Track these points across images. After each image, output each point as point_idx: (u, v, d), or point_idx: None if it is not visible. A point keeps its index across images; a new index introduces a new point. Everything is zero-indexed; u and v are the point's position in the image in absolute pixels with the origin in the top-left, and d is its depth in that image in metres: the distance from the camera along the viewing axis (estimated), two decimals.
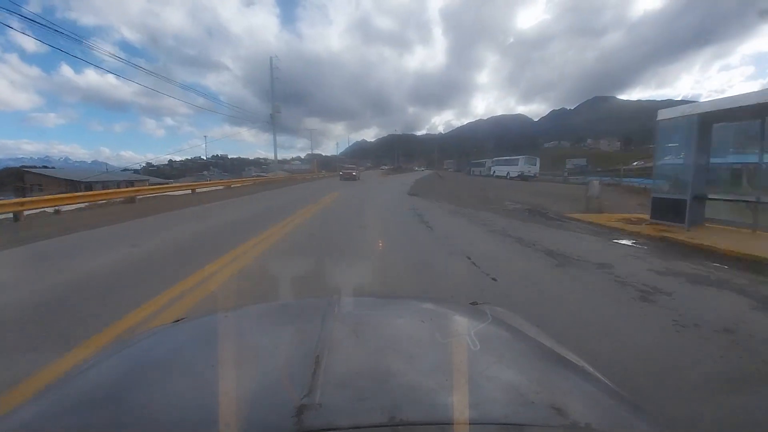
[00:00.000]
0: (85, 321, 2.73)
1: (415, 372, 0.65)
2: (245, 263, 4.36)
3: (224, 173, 75.90)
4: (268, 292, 3.29)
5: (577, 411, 0.56)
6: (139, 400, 0.60)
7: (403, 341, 0.81)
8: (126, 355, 0.83)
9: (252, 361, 0.71)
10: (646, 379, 2.02)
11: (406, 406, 0.52)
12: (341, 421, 0.49)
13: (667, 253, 5.08)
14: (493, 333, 0.87)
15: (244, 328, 0.93)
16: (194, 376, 0.67)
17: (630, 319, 2.88)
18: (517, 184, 24.75)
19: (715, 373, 2.12)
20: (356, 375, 0.63)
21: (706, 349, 2.39)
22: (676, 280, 3.86)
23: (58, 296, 3.29)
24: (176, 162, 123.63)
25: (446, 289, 3.59)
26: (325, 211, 9.71)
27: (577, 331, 2.60)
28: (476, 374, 0.62)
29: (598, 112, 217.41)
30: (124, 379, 0.70)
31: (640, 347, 2.42)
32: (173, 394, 0.62)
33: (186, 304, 3.06)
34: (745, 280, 3.89)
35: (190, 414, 0.56)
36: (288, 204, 11.50)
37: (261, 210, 10.30)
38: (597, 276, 4.00)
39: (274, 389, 0.60)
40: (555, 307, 3.09)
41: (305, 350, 0.69)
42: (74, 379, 0.72)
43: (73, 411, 0.60)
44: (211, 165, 61.34)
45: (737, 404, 1.87)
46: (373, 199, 13.49)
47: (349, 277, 3.03)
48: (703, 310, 3.03)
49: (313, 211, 9.43)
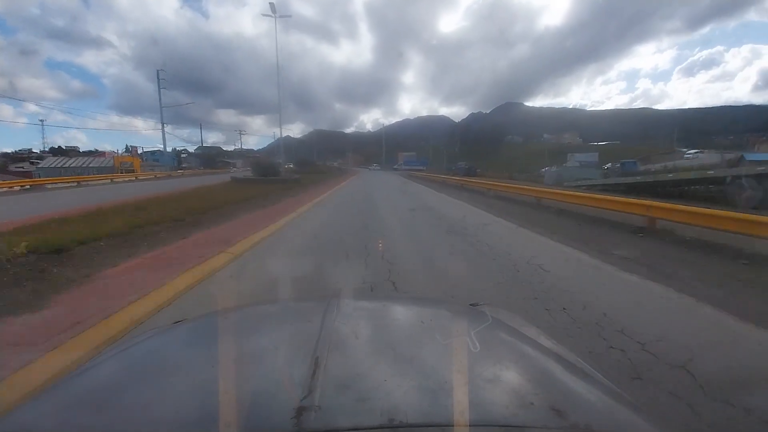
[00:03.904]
0: None
1: (415, 373, 0.65)
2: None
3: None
4: None
5: (576, 412, 0.57)
6: (139, 401, 0.60)
7: (403, 342, 0.81)
8: (126, 355, 0.83)
9: (251, 362, 0.71)
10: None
11: (405, 408, 0.52)
12: (341, 423, 0.49)
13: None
14: (492, 334, 0.87)
15: (243, 328, 0.91)
16: (194, 377, 0.67)
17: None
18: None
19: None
20: (356, 376, 0.62)
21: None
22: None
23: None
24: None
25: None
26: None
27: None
28: (476, 376, 0.63)
29: (510, 116, 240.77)
30: (124, 379, 0.70)
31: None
32: (173, 395, 0.62)
33: None
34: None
35: (190, 415, 0.55)
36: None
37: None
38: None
39: (273, 390, 0.59)
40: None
41: (305, 351, 0.68)
42: (74, 379, 0.72)
43: (73, 411, 0.60)
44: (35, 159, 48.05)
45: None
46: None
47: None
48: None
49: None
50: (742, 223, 5.00)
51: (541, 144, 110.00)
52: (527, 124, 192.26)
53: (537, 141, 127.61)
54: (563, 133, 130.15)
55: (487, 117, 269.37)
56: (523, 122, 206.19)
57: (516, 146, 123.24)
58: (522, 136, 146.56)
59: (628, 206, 7.07)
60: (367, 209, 9.91)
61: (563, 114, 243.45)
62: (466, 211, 9.51)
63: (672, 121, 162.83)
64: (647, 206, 6.58)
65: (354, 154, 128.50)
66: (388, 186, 20.67)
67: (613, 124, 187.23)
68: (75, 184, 22.50)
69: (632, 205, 7.01)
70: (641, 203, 6.84)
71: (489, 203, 11.38)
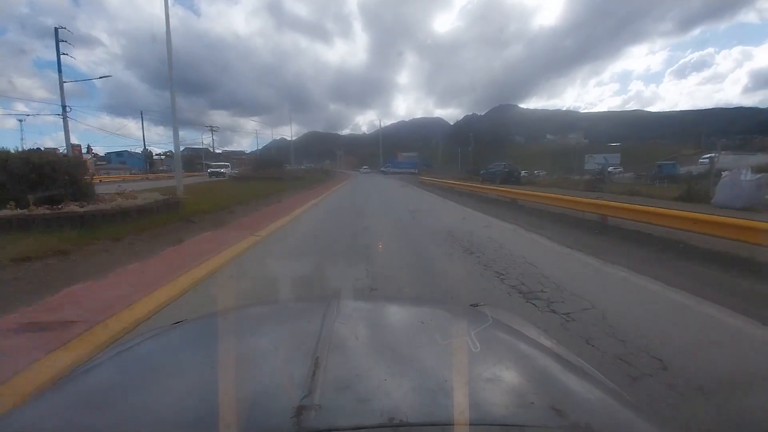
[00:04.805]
0: None
1: (415, 373, 0.65)
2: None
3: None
4: None
5: (576, 412, 0.57)
6: (140, 401, 0.60)
7: (403, 342, 0.81)
8: (126, 356, 0.82)
9: (251, 362, 0.71)
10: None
11: (405, 408, 0.52)
12: (341, 423, 0.49)
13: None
14: (492, 334, 0.88)
15: (243, 329, 0.91)
16: (194, 377, 0.67)
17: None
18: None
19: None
20: (356, 376, 0.62)
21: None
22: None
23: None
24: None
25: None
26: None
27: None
28: (476, 376, 0.63)
29: (505, 118, 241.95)
30: (124, 380, 0.70)
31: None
32: (173, 395, 0.62)
33: None
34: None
35: (190, 415, 0.55)
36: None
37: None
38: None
39: (273, 390, 0.60)
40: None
41: (305, 351, 0.68)
42: (74, 380, 0.73)
43: (73, 411, 0.60)
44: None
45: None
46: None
47: None
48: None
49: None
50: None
51: (543, 145, 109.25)
52: (523, 126, 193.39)
53: (538, 142, 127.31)
54: (568, 134, 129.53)
55: (481, 119, 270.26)
56: (519, 124, 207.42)
57: (518, 147, 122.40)
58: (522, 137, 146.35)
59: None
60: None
61: (557, 116, 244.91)
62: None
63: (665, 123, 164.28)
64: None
65: (347, 155, 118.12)
66: (387, 216, 9.75)
67: (607, 126, 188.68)
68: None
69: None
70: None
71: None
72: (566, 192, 13.30)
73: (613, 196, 12.50)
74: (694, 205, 9.32)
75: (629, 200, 9.02)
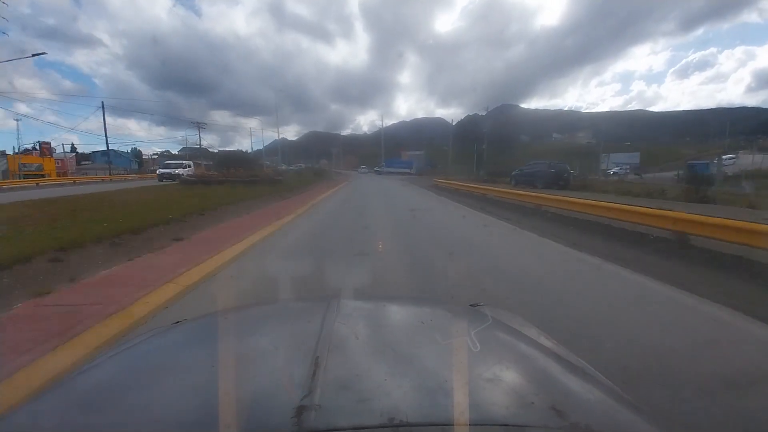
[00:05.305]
0: None
1: (415, 373, 0.65)
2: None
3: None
4: None
5: (577, 412, 0.57)
6: (139, 401, 0.60)
7: (403, 342, 0.81)
8: (126, 356, 0.82)
9: (251, 362, 0.71)
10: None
11: (405, 408, 0.52)
12: (341, 422, 0.49)
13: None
14: (492, 334, 0.87)
15: (243, 328, 0.91)
16: (194, 377, 0.67)
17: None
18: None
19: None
20: (356, 376, 0.62)
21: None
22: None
23: None
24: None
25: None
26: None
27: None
28: (476, 376, 0.63)
29: (507, 117, 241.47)
30: (123, 380, 0.70)
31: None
32: (173, 395, 0.62)
33: None
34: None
35: (190, 415, 0.55)
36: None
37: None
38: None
39: (273, 390, 0.60)
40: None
41: (305, 351, 0.68)
42: (74, 380, 0.73)
43: (73, 411, 0.60)
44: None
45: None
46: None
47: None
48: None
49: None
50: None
51: (550, 144, 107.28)
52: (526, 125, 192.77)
53: (543, 141, 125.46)
54: (575, 133, 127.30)
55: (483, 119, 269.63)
56: (522, 123, 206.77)
57: (524, 146, 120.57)
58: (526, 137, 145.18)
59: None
60: None
61: (559, 116, 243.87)
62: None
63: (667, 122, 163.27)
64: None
65: (348, 155, 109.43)
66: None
67: (609, 126, 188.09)
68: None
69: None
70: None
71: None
72: (667, 204, 8.77)
73: (734, 210, 8.14)
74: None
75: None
